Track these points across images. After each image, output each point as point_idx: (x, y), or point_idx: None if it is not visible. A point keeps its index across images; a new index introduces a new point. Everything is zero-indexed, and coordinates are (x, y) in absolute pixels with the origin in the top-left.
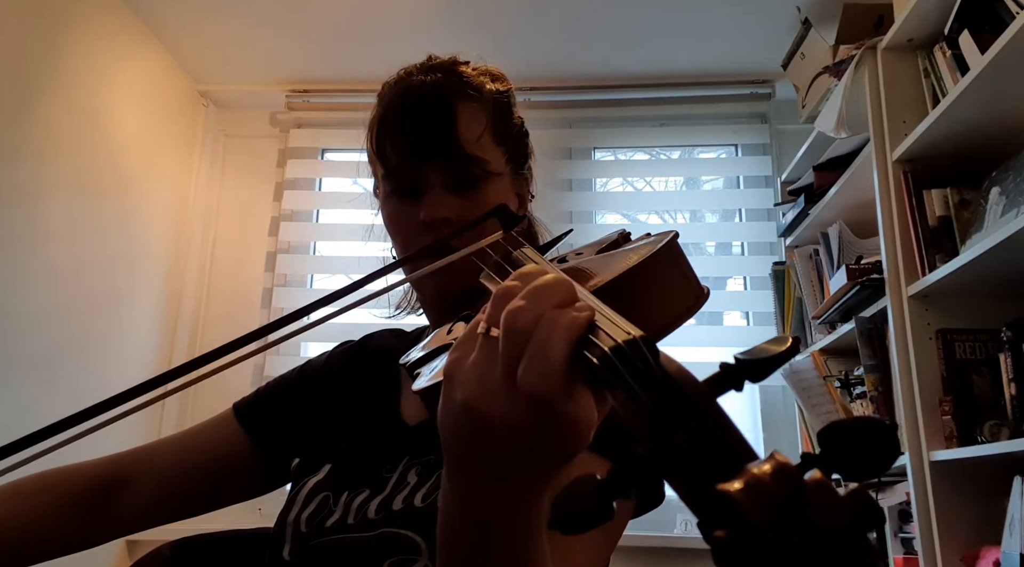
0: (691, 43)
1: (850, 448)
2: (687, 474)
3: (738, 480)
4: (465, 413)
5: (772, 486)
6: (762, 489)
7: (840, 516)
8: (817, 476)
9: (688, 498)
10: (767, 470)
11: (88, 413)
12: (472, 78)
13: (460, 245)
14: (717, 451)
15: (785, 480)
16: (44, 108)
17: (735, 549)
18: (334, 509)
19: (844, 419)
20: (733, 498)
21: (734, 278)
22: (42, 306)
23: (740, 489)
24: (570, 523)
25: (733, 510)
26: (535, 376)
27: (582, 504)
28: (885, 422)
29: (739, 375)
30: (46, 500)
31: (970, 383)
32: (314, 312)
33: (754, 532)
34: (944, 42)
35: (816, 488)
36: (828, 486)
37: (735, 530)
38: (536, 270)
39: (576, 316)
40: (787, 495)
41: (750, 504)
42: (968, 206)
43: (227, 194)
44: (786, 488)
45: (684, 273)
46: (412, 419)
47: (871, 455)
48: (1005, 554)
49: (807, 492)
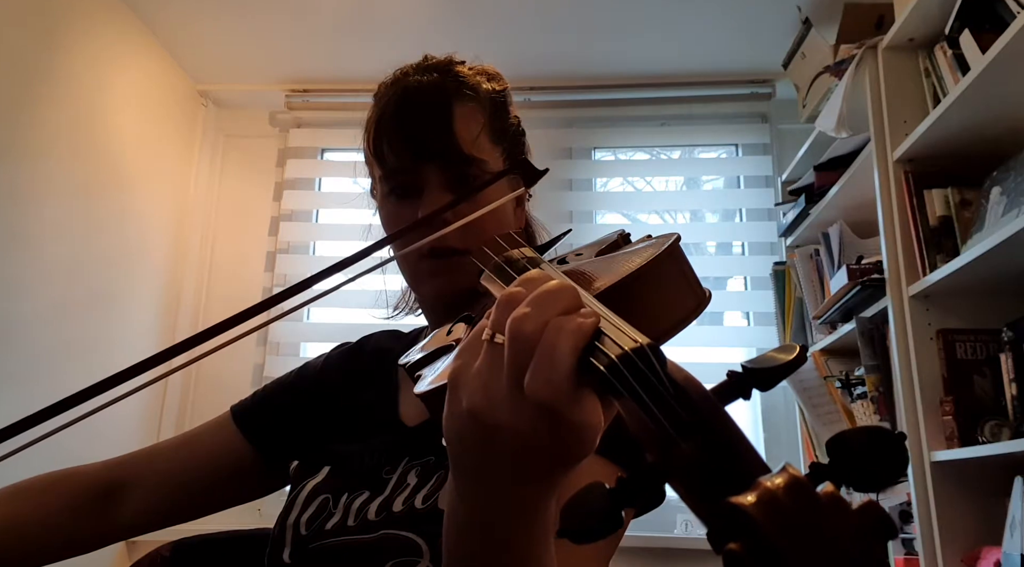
0: (691, 43)
1: (860, 459)
2: (696, 484)
3: (751, 493)
4: (471, 420)
5: (786, 500)
6: (776, 503)
7: (853, 530)
8: (830, 489)
9: (697, 508)
10: (780, 484)
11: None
12: (468, 78)
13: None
14: (727, 462)
15: (799, 494)
16: (43, 107)
17: (748, 563)
18: (334, 511)
19: (852, 429)
20: (747, 512)
21: (735, 278)
22: (41, 305)
23: (754, 503)
24: (580, 533)
25: (746, 524)
26: (541, 383)
27: (592, 514)
28: (894, 432)
29: (746, 384)
30: (46, 504)
31: (971, 383)
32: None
33: (768, 546)
34: (945, 42)
35: (829, 502)
36: (841, 500)
37: (748, 544)
38: (540, 275)
39: (582, 323)
40: (801, 509)
41: (764, 518)
42: (969, 206)
43: (226, 194)
44: (800, 503)
45: (686, 277)
46: (411, 420)
47: (881, 467)
48: (1006, 554)
49: (820, 506)
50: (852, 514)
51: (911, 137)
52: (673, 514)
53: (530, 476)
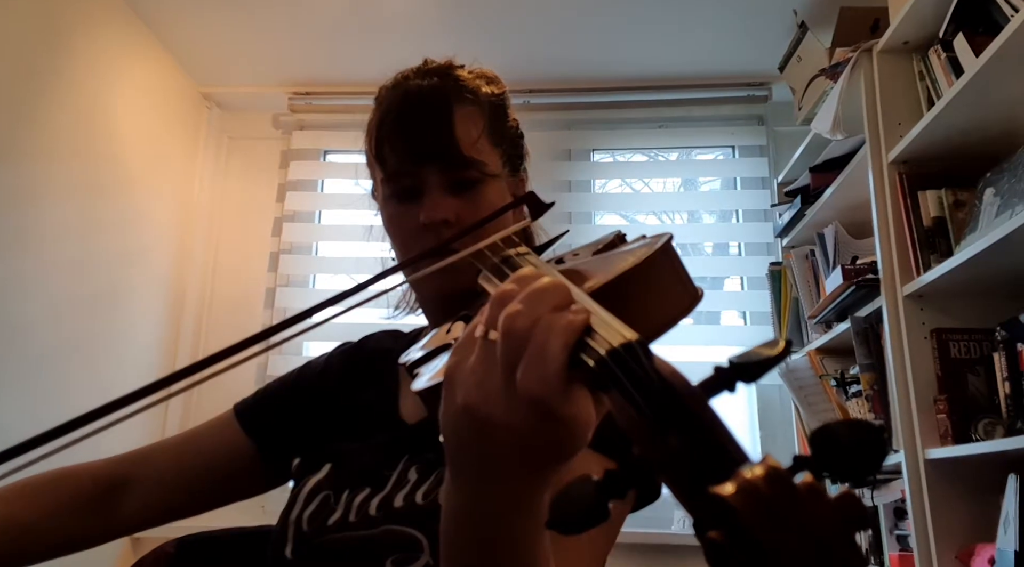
0: (689, 46)
1: (839, 451)
2: (681, 476)
3: (731, 482)
4: (465, 415)
5: (764, 489)
6: (754, 492)
7: (830, 518)
8: (808, 479)
9: (683, 499)
10: (759, 473)
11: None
12: (468, 81)
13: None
14: (710, 453)
15: (777, 483)
16: (47, 110)
17: (727, 550)
18: (335, 508)
19: (834, 422)
20: (726, 500)
21: (731, 278)
22: (45, 307)
23: (733, 492)
24: (566, 523)
25: (726, 512)
26: (533, 379)
27: (578, 505)
28: (874, 424)
29: (732, 377)
30: (49, 500)
31: (965, 382)
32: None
33: (746, 534)
34: (939, 45)
35: (807, 491)
36: (818, 489)
37: (728, 531)
38: (532, 273)
39: (572, 319)
40: (778, 498)
41: (743, 506)
42: (963, 207)
43: (230, 195)
44: (778, 491)
45: (679, 275)
46: (411, 418)
47: (860, 457)
48: (1000, 551)
49: (798, 495)
50: (829, 502)
51: (906, 139)
52: (670, 510)
53: (524, 471)
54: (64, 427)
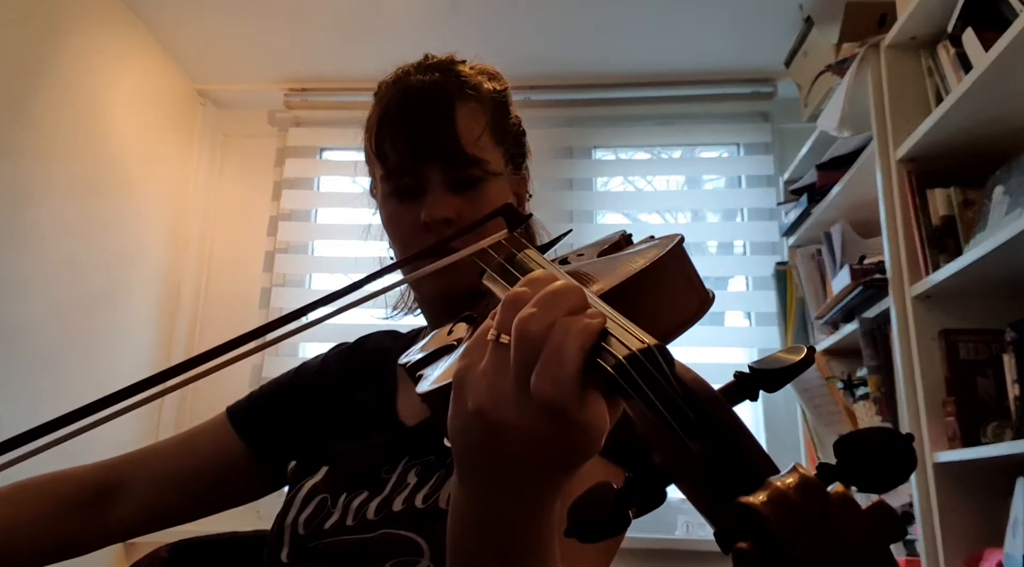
0: (692, 41)
1: (868, 460)
2: (705, 485)
3: (762, 493)
4: (477, 420)
5: (795, 499)
6: (787, 503)
7: (863, 530)
8: (840, 490)
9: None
10: (791, 483)
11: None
12: (470, 77)
13: (461, 245)
14: (736, 462)
15: (809, 494)
16: (41, 107)
17: (759, 562)
18: (332, 511)
19: (861, 430)
20: (758, 511)
21: (736, 278)
22: (39, 306)
23: (765, 502)
24: (588, 532)
25: (757, 523)
26: (548, 383)
27: (600, 513)
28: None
29: (754, 385)
30: (41, 505)
31: (974, 384)
32: (312, 312)
33: (779, 545)
34: (948, 40)
35: (839, 502)
36: (851, 500)
37: (758, 542)
38: (546, 276)
39: (589, 323)
40: (811, 509)
41: (775, 517)
42: (972, 205)
43: (225, 193)
44: (810, 502)
45: (690, 278)
46: (410, 420)
47: (889, 468)
48: (1008, 556)
49: (831, 506)
50: (861, 514)
51: (913, 136)
52: (674, 515)
53: (535, 476)
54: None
